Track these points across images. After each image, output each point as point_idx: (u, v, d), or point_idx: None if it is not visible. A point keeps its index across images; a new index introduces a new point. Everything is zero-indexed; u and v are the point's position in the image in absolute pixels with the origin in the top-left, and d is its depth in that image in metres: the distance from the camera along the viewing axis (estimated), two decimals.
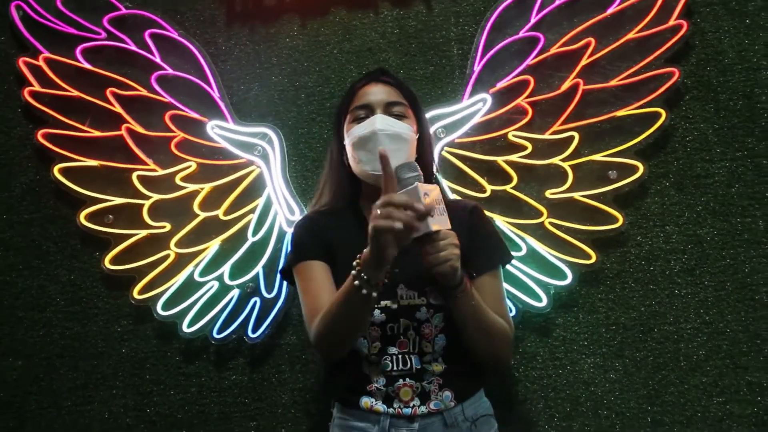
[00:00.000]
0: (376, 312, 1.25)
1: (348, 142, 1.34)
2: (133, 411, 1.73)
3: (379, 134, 1.27)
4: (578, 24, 1.74)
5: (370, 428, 1.25)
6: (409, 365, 1.25)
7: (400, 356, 1.26)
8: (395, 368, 1.25)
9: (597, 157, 1.70)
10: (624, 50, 1.73)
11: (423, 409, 1.24)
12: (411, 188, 1.09)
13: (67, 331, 1.77)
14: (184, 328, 1.72)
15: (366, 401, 1.25)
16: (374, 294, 1.13)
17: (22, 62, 1.81)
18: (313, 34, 1.83)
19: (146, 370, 1.75)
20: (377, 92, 1.34)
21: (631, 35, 1.72)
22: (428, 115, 1.72)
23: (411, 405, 1.24)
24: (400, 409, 1.24)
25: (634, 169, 1.68)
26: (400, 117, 1.32)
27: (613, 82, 1.72)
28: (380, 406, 1.24)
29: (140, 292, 1.72)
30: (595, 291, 1.70)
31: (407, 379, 1.25)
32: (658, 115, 1.69)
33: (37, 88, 1.80)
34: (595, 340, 1.69)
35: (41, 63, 1.80)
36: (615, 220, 1.68)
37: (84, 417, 1.73)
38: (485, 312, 1.23)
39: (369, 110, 1.33)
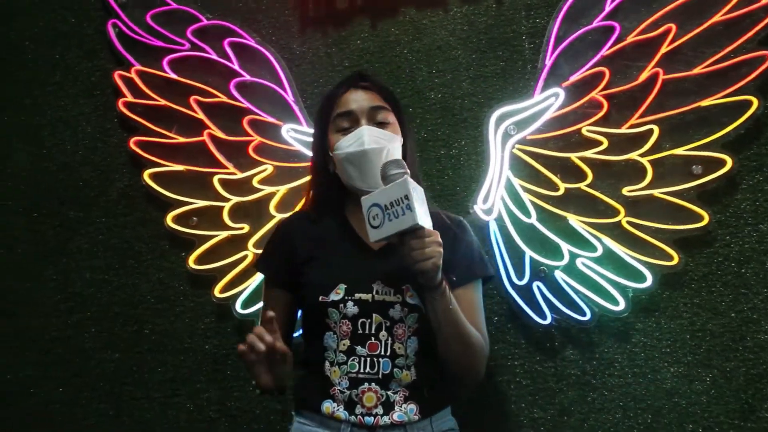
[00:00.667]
0: (350, 304, 1.37)
1: (337, 155, 1.45)
2: (215, 405, 2.01)
3: (369, 152, 1.40)
4: (657, 9, 1.81)
5: None
6: (376, 369, 1.36)
7: (368, 359, 1.37)
8: (361, 370, 1.36)
9: (679, 150, 1.76)
10: (710, 34, 1.77)
11: (386, 419, 1.34)
12: (400, 181, 1.21)
13: (157, 327, 2.08)
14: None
15: (327, 406, 1.36)
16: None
17: (117, 75, 2.15)
18: (384, 35, 2.02)
19: (228, 366, 2.01)
20: (359, 99, 1.47)
21: (717, 17, 1.76)
22: (498, 112, 1.86)
23: (374, 413, 1.35)
24: (361, 418, 1.34)
25: (722, 162, 1.72)
26: (384, 124, 1.45)
27: (697, 70, 1.77)
28: (341, 413, 1.35)
29: (221, 291, 2.00)
30: (679, 295, 1.76)
31: (372, 384, 1.36)
32: (749, 104, 1.71)
33: (129, 99, 2.12)
34: (678, 348, 1.74)
35: (133, 75, 2.16)
36: (700, 218, 1.73)
37: (172, 408, 2.04)
38: (462, 320, 1.34)
39: (353, 119, 1.45)
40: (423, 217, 1.23)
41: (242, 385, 2.03)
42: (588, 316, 1.78)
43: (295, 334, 1.59)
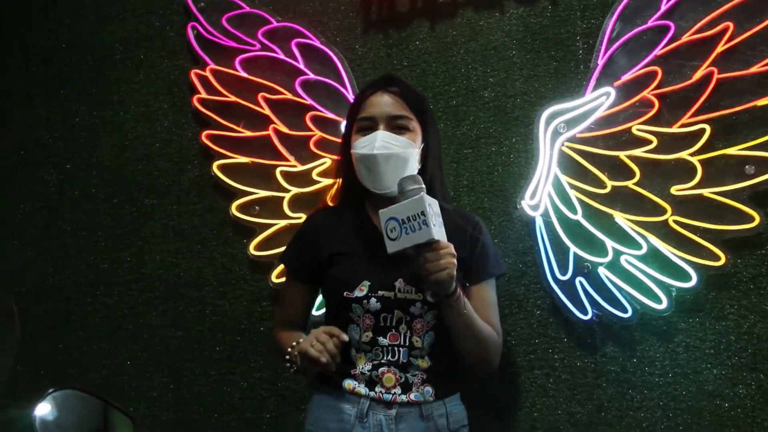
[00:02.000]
0: (373, 300, 1.51)
1: (353, 154, 1.60)
2: (267, 384, 2.18)
3: (378, 156, 1.54)
4: (715, 8, 1.86)
5: (349, 409, 1.49)
6: (396, 357, 1.51)
7: (389, 348, 1.51)
8: (383, 358, 1.51)
9: (732, 150, 1.81)
10: None
11: (403, 397, 1.49)
12: (416, 198, 1.32)
13: (218, 308, 2.27)
14: (313, 311, 2.21)
15: (349, 383, 1.51)
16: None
17: (193, 74, 2.39)
18: (442, 36, 2.16)
19: None
20: (382, 104, 1.59)
21: None
22: (549, 110, 1.96)
23: (392, 392, 1.50)
24: (381, 394, 1.49)
25: None
26: (402, 130, 1.58)
27: (754, 69, 1.81)
28: (362, 389, 1.50)
29: (278, 277, 2.18)
30: (726, 296, 1.79)
31: (392, 367, 1.51)
32: None
33: (203, 95, 2.38)
34: (722, 350, 1.78)
35: (208, 74, 2.39)
36: (751, 219, 1.76)
37: (227, 385, 2.22)
38: (475, 321, 1.49)
39: (372, 122, 1.58)
40: (438, 231, 1.35)
41: None
42: (629, 314, 1.83)
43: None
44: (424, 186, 1.40)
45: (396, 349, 1.53)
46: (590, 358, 1.90)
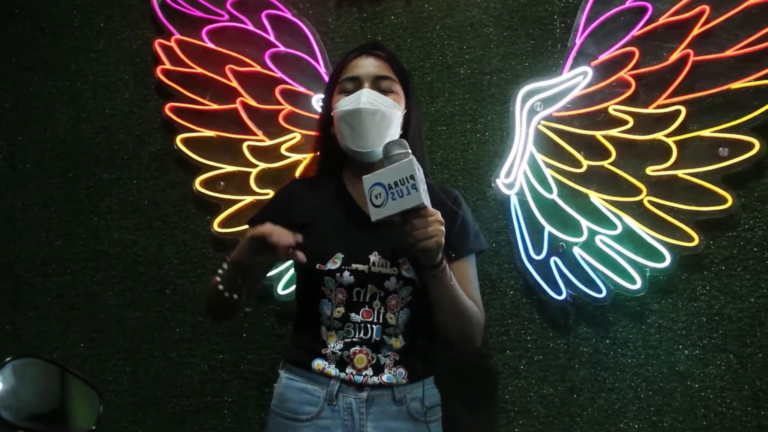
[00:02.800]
0: (346, 274, 1.48)
1: (335, 114, 1.56)
2: (229, 366, 2.13)
3: (363, 111, 1.49)
4: None
5: (318, 391, 1.46)
6: (369, 335, 1.48)
7: (362, 324, 1.48)
8: (355, 336, 1.48)
9: (706, 132, 1.84)
10: (744, 17, 1.85)
11: (375, 379, 1.45)
12: (405, 161, 1.29)
13: (178, 287, 2.21)
14: (279, 290, 2.07)
15: (318, 363, 1.47)
16: (235, 296, 1.43)
17: (157, 44, 2.30)
18: (417, 11, 2.14)
19: (243, 329, 2.13)
20: (367, 65, 1.57)
21: (752, 0, 1.84)
22: (526, 88, 1.97)
23: (363, 373, 1.46)
24: (351, 376, 1.45)
25: (749, 146, 1.79)
26: (387, 92, 1.55)
27: (730, 52, 1.85)
28: (332, 370, 1.46)
29: None
30: (698, 277, 1.83)
31: (364, 346, 1.48)
32: None
33: (168, 66, 2.31)
34: (694, 330, 1.81)
35: (173, 44, 2.32)
36: (723, 200, 1.80)
37: (187, 368, 2.16)
38: (460, 295, 1.46)
39: (357, 83, 1.55)
40: (426, 197, 1.33)
41: (256, 349, 2.15)
42: (604, 294, 1.85)
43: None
44: (410, 151, 1.36)
45: (369, 326, 1.50)
46: (563, 340, 1.92)
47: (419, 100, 1.95)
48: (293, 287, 2.05)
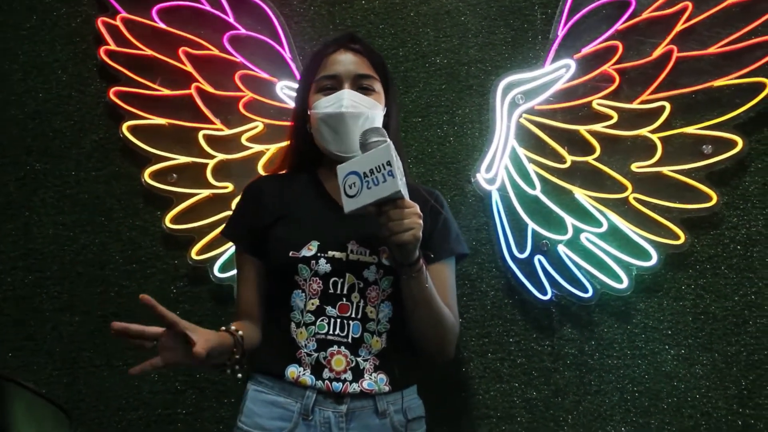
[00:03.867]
0: (322, 261, 1.38)
1: (313, 114, 1.48)
2: (183, 376, 1.97)
3: (346, 115, 1.42)
4: None
5: (291, 405, 1.35)
6: (346, 332, 1.37)
7: (338, 320, 1.37)
8: (330, 332, 1.37)
9: (690, 129, 1.84)
10: (725, 15, 1.86)
11: (355, 386, 1.34)
12: (382, 147, 1.22)
13: (124, 290, 2.03)
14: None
15: (293, 371, 1.36)
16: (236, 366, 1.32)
17: (100, 22, 2.10)
18: None
19: None
20: (346, 62, 1.48)
21: None
22: (506, 80, 1.91)
23: (342, 378, 1.34)
24: (329, 383, 1.34)
25: (732, 144, 1.80)
26: (368, 91, 1.47)
27: (712, 50, 1.86)
28: (307, 378, 1.34)
29: (198, 253, 1.98)
30: (683, 275, 1.82)
31: (342, 347, 1.36)
32: (761, 86, 1.81)
33: (113, 47, 2.12)
34: (680, 330, 1.80)
35: (119, 23, 2.12)
36: (708, 198, 1.80)
37: (135, 378, 1.95)
38: (436, 299, 1.36)
39: (336, 81, 1.47)
40: (403, 186, 1.24)
41: None
42: (590, 293, 1.82)
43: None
44: (388, 139, 1.28)
45: (346, 322, 1.38)
46: (547, 341, 1.87)
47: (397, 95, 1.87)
48: (233, 272, 1.92)
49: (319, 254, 1.39)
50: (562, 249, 1.86)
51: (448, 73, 2.03)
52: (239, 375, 1.34)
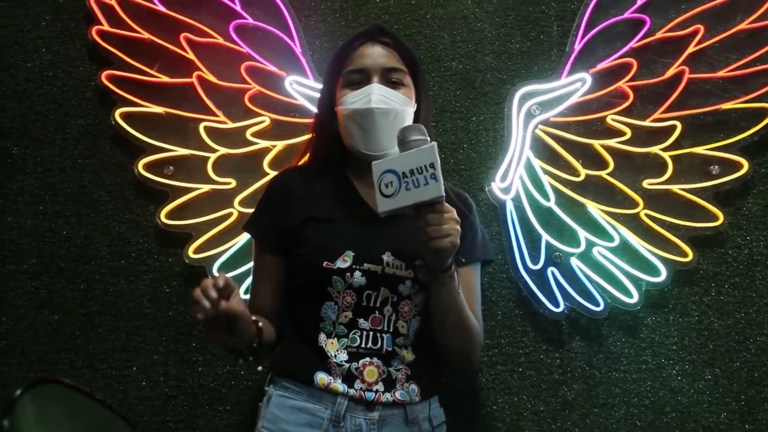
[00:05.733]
0: (357, 274, 1.35)
1: (341, 111, 1.45)
2: (174, 380, 1.90)
3: (375, 112, 1.39)
4: (686, 10, 1.98)
5: (321, 411, 1.32)
6: (379, 344, 1.36)
7: (371, 333, 1.36)
8: (363, 345, 1.35)
9: (699, 149, 1.92)
10: (734, 41, 1.96)
11: (388, 396, 1.34)
12: (426, 147, 1.18)
13: (111, 287, 1.95)
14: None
15: (322, 377, 1.33)
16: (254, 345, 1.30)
17: (93, 0, 2.10)
18: None
19: (193, 338, 1.91)
20: (375, 55, 1.45)
21: (742, 26, 1.95)
22: (522, 90, 1.95)
23: (374, 389, 1.33)
24: (362, 392, 1.32)
25: (738, 165, 1.90)
26: (398, 85, 1.44)
27: (721, 73, 1.95)
28: (339, 385, 1.32)
29: (196, 251, 1.91)
30: (689, 292, 1.90)
31: (374, 358, 1.35)
32: (766, 112, 1.91)
33: (106, 27, 2.02)
34: (685, 346, 1.87)
35: (113, 2, 2.02)
36: (715, 218, 1.88)
37: (120, 382, 1.90)
38: (465, 306, 1.36)
39: (365, 76, 1.44)
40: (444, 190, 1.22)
41: (209, 360, 1.94)
42: (602, 307, 1.86)
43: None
44: (428, 137, 1.25)
45: (378, 335, 1.37)
46: (556, 354, 1.91)
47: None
48: (234, 272, 1.90)
49: (354, 266, 1.36)
50: (574, 262, 1.90)
51: (463, 79, 2.04)
52: (260, 368, 1.31)
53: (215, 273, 1.92)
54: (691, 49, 1.98)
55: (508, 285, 1.93)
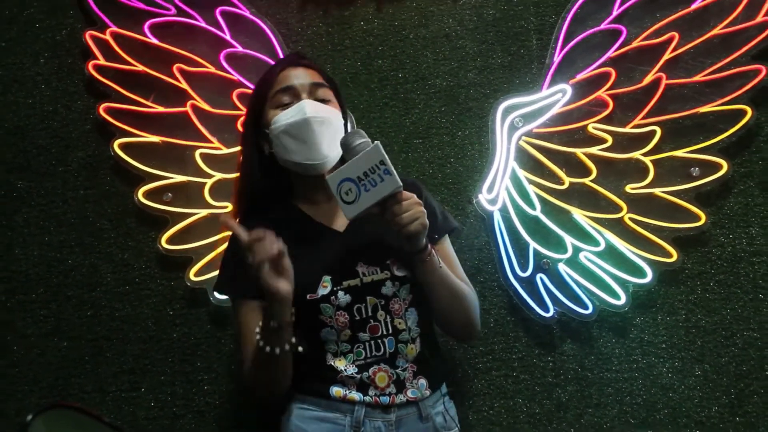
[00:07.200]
0: (341, 294, 1.45)
1: (274, 131, 1.51)
2: (181, 399, 2.01)
3: (311, 120, 1.47)
4: (661, 18, 2.08)
5: (341, 419, 1.43)
6: (382, 350, 1.47)
7: (372, 342, 1.47)
8: (368, 355, 1.46)
9: (679, 153, 2.02)
10: (708, 46, 2.05)
11: (401, 397, 1.45)
12: (371, 148, 1.30)
13: (117, 312, 2.05)
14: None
15: (338, 390, 1.44)
16: (286, 348, 1.35)
17: (88, 36, 2.12)
18: (389, 18, 2.16)
19: (198, 357, 2.02)
20: (300, 75, 1.55)
21: (716, 31, 2.04)
22: (505, 104, 2.05)
23: (387, 392, 1.45)
24: (377, 397, 1.44)
25: (718, 166, 1.99)
26: (326, 101, 1.54)
27: (697, 78, 2.04)
28: (355, 395, 1.43)
29: (196, 274, 2.02)
30: (675, 291, 1.99)
31: (382, 364, 1.46)
32: (743, 113, 2.00)
33: (101, 61, 2.14)
34: (674, 344, 1.96)
35: (108, 37, 2.13)
36: (697, 218, 1.97)
37: (129, 404, 2.01)
38: (451, 277, 1.48)
39: (293, 94, 1.52)
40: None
41: (214, 378, 2.04)
42: (590, 310, 1.96)
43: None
44: (369, 139, 1.36)
45: (380, 341, 1.48)
46: (549, 357, 2.01)
47: (389, 113, 2.08)
48: None
49: (335, 288, 1.47)
50: (562, 267, 1.99)
51: (447, 96, 2.15)
52: (300, 348, 1.38)
53: (216, 295, 2.02)
54: (667, 55, 2.08)
55: (499, 293, 2.03)
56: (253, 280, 1.31)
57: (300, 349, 1.38)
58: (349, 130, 1.63)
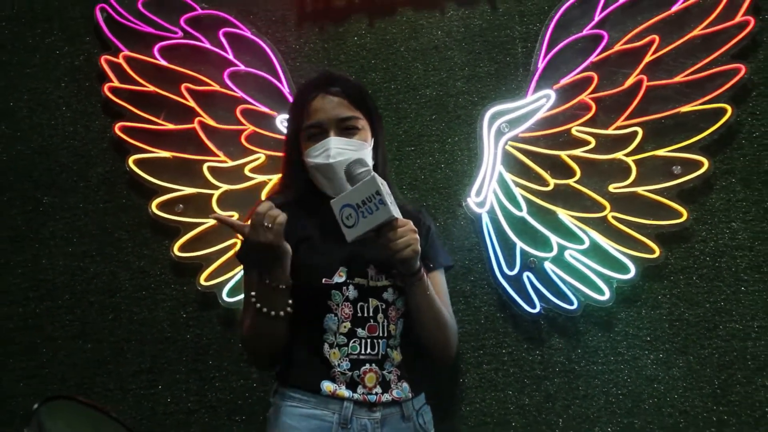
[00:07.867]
0: (351, 287, 1.58)
1: (307, 162, 1.65)
2: (195, 396, 2.18)
3: (334, 165, 1.60)
4: (642, 22, 2.17)
5: (329, 416, 1.53)
6: (376, 350, 1.58)
7: (368, 340, 1.58)
8: (362, 352, 1.57)
9: (661, 152, 2.11)
10: (689, 47, 2.14)
11: (387, 396, 1.56)
12: (368, 179, 1.43)
13: (135, 316, 2.24)
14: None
15: (328, 385, 1.54)
16: (281, 313, 1.52)
17: (103, 60, 2.33)
18: (381, 33, 2.30)
19: (209, 356, 2.19)
20: (327, 108, 1.64)
21: (696, 32, 2.13)
22: (492, 110, 2.17)
23: (374, 392, 1.56)
24: (365, 396, 1.54)
25: (699, 164, 2.07)
26: (352, 132, 1.65)
27: (678, 79, 2.13)
28: (344, 391, 1.53)
29: (207, 279, 2.19)
30: (659, 286, 2.08)
31: (373, 364, 1.57)
32: (723, 111, 2.08)
33: (116, 84, 2.33)
34: (658, 336, 2.05)
35: (121, 60, 2.34)
36: (679, 215, 2.06)
37: (148, 400, 2.19)
38: (437, 303, 1.60)
39: (321, 129, 1.64)
40: (395, 209, 1.47)
41: (224, 376, 2.20)
42: (575, 306, 2.06)
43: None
44: (371, 168, 1.51)
45: (375, 341, 1.60)
46: (537, 351, 2.12)
47: (383, 121, 2.09)
48: (241, 296, 2.08)
49: (348, 281, 1.61)
50: (548, 265, 2.10)
51: (437, 104, 2.27)
52: (289, 309, 1.55)
53: (225, 298, 2.19)
54: (648, 58, 2.17)
55: (488, 291, 2.15)
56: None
57: (289, 309, 1.54)
58: (383, 144, 1.79)
